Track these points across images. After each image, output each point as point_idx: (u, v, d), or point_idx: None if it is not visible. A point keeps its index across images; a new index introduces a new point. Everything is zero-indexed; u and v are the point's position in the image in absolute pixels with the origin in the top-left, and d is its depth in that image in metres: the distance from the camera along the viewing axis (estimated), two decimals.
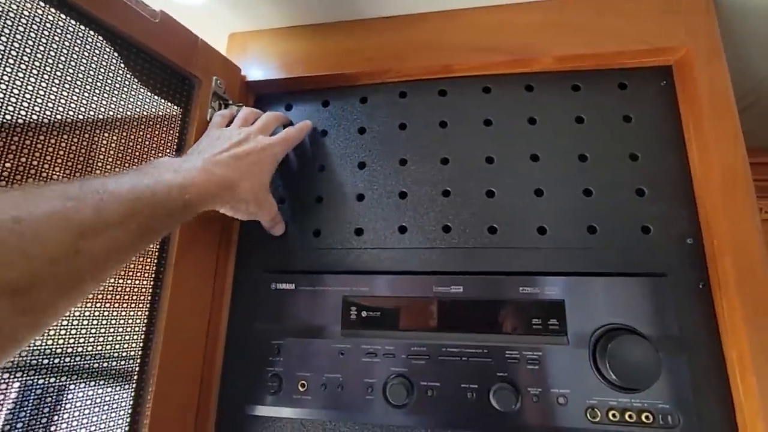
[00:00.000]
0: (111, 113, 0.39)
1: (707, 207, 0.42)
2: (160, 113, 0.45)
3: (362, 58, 0.52)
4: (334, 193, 0.50)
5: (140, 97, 0.42)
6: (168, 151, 0.45)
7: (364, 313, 0.45)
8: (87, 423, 0.35)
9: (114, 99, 0.39)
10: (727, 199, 0.41)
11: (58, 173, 0.35)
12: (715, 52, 0.44)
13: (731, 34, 0.54)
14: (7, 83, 0.31)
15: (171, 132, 0.45)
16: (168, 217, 0.33)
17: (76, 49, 0.36)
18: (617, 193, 0.45)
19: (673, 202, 0.44)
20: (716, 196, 0.41)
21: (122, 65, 0.40)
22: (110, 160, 0.40)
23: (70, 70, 0.36)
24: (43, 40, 0.34)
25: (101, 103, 0.38)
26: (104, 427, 0.37)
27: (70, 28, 0.36)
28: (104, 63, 0.39)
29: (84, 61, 0.37)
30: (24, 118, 0.32)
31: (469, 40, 0.50)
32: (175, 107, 0.46)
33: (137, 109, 0.42)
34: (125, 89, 0.41)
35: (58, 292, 0.25)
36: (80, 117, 0.36)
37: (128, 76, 0.41)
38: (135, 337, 0.40)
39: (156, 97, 0.44)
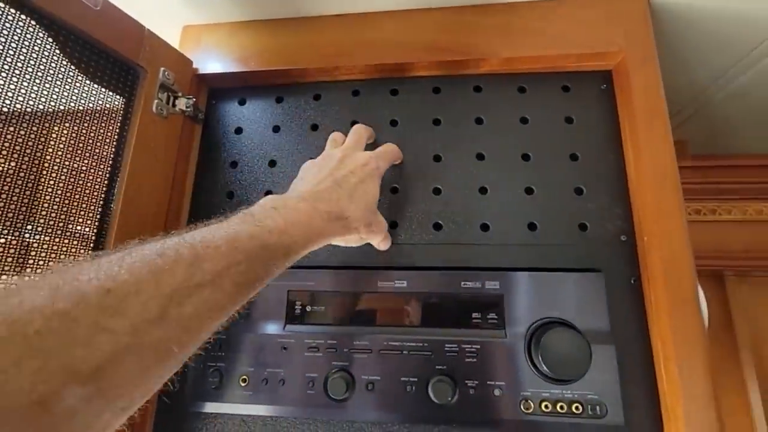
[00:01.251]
0: (53, 106, 0.38)
1: (639, 205, 0.44)
2: (106, 106, 0.44)
3: (316, 54, 0.52)
4: (284, 189, 0.50)
5: (84, 88, 0.41)
6: (109, 144, 0.44)
7: (308, 308, 0.45)
8: None
9: (55, 90, 0.38)
10: (656, 198, 0.42)
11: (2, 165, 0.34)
12: (649, 58, 0.46)
13: (670, 43, 0.56)
14: None
15: (114, 124, 0.44)
16: (268, 265, 0.29)
17: (5, 34, 0.35)
18: (557, 191, 0.46)
19: (610, 200, 0.45)
20: (647, 195, 0.43)
21: (59, 53, 0.39)
22: (59, 153, 0.39)
23: (7, 59, 0.35)
24: None
25: (41, 94, 0.37)
26: None
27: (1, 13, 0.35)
28: (39, 52, 0.38)
29: (13, 48, 0.36)
30: None
31: (420, 40, 0.50)
32: (120, 98, 0.45)
33: (82, 102, 0.41)
34: (67, 80, 0.40)
35: (138, 368, 0.21)
36: (18, 108, 0.35)
37: (67, 65, 0.40)
38: None
39: (101, 90, 0.43)
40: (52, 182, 0.39)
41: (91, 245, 0.42)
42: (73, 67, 0.41)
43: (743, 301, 0.62)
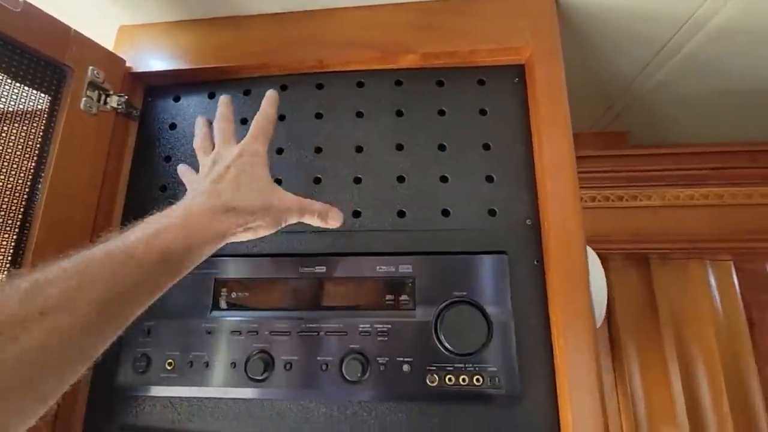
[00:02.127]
0: None
1: (542, 192, 0.46)
2: (32, 106, 0.45)
3: (245, 52, 0.54)
4: None
5: (8, 89, 0.43)
6: (33, 143, 0.45)
7: (234, 294, 0.48)
8: None
9: None
10: (554, 185, 0.45)
11: None
12: (553, 53, 0.49)
13: (588, 39, 0.59)
14: None
15: (39, 123, 0.46)
16: (141, 277, 0.28)
17: None
18: (470, 179, 0.49)
19: (517, 187, 0.48)
20: (548, 182, 0.46)
21: None
22: None
23: None
24: None
25: None
26: None
27: None
28: None
29: None
30: None
31: (342, 37, 0.53)
32: (45, 97, 0.47)
33: (9, 103, 0.43)
34: None
35: None
36: None
37: None
38: None
39: (25, 89, 0.45)
40: None
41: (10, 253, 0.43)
42: None
43: (665, 283, 0.65)
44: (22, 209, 0.44)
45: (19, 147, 0.44)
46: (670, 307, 0.65)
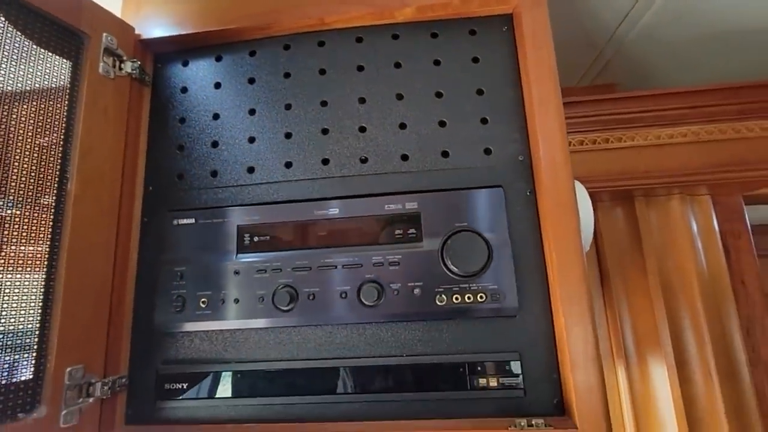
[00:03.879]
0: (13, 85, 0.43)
1: (532, 130, 0.51)
2: (57, 75, 0.48)
3: (247, 14, 0.57)
4: (228, 138, 0.56)
5: (38, 65, 0.46)
6: (61, 108, 0.48)
7: (256, 238, 0.52)
8: None
9: (11, 71, 0.43)
10: (542, 122, 0.49)
11: None
12: (538, 1, 0.53)
13: None
14: None
15: (65, 91, 0.49)
16: None
17: None
18: (466, 122, 0.53)
19: (510, 127, 0.53)
20: (537, 119, 0.50)
21: (4, 23, 0.44)
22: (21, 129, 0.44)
23: None
24: None
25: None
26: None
27: None
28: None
29: None
30: None
31: None
32: (67, 63, 0.50)
33: (37, 78, 0.46)
34: (21, 60, 0.44)
35: None
36: None
37: (20, 45, 0.44)
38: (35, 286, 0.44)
39: (51, 60, 0.48)
40: (18, 157, 0.44)
41: (52, 211, 0.47)
42: (24, 39, 0.45)
43: (649, 218, 0.71)
44: (59, 167, 0.47)
45: (49, 116, 0.47)
46: (653, 241, 0.70)
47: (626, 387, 0.71)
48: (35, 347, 0.43)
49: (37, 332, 0.43)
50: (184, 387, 0.50)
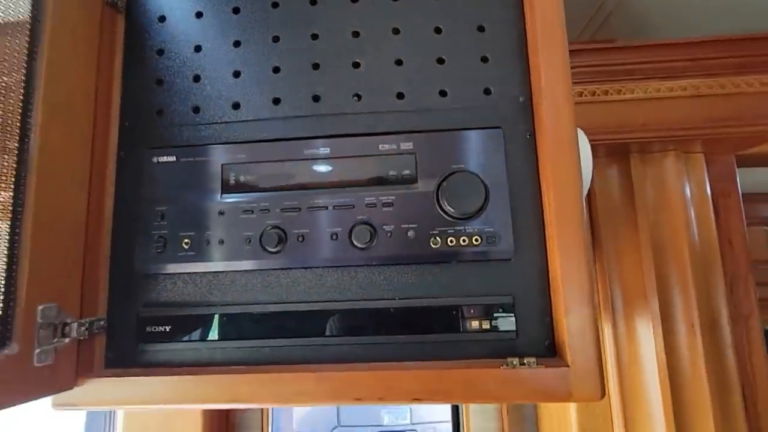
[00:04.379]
0: None
1: (534, 70, 0.48)
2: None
3: None
4: (211, 72, 0.52)
5: None
6: (22, 33, 0.44)
7: (242, 178, 0.49)
8: None
9: None
10: (546, 62, 0.47)
11: None
12: None
13: None
14: None
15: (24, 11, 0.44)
16: None
17: None
18: (465, 60, 0.50)
19: (511, 67, 0.50)
20: (540, 60, 0.47)
21: None
22: None
23: None
24: None
25: None
26: None
27: None
28: None
29: None
30: None
31: None
32: None
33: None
34: None
35: None
36: None
37: None
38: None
39: None
40: None
41: (16, 141, 0.43)
42: None
43: (645, 173, 0.70)
44: (21, 97, 0.43)
45: (8, 43, 0.42)
46: (646, 198, 0.70)
47: (612, 344, 0.72)
48: (3, 282, 0.40)
49: (4, 267, 0.40)
50: (167, 330, 0.48)
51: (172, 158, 0.50)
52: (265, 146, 0.50)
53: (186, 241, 0.48)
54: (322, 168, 0.49)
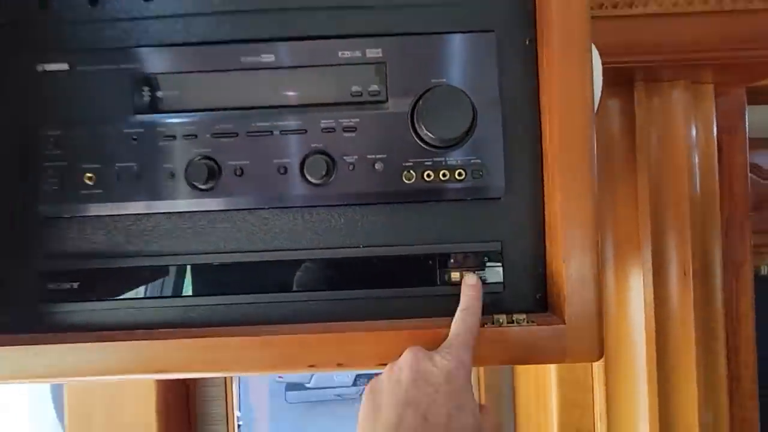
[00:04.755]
0: None
1: None
2: None
3: None
4: None
5: None
6: None
7: (160, 93, 0.38)
8: None
9: None
10: None
11: None
12: None
13: None
14: None
15: None
16: None
17: None
18: None
19: None
20: None
21: None
22: None
23: None
24: None
25: None
26: None
27: None
28: None
29: None
30: None
31: None
32: None
33: None
34: None
35: None
36: None
37: None
38: None
39: None
40: None
41: None
42: None
43: (647, 107, 0.62)
44: None
45: None
46: (647, 135, 0.62)
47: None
48: None
49: None
50: (75, 287, 0.39)
51: (64, 66, 0.38)
52: (189, 51, 0.38)
53: (89, 175, 0.37)
54: (265, 81, 0.38)
